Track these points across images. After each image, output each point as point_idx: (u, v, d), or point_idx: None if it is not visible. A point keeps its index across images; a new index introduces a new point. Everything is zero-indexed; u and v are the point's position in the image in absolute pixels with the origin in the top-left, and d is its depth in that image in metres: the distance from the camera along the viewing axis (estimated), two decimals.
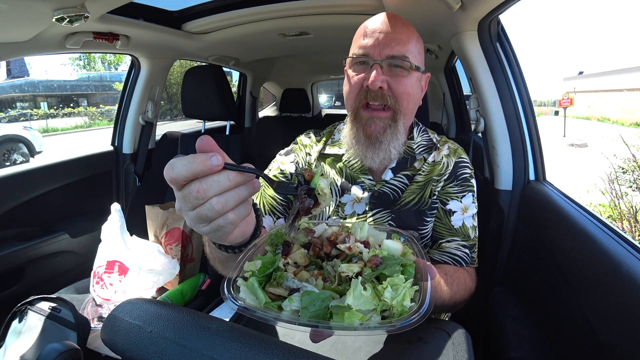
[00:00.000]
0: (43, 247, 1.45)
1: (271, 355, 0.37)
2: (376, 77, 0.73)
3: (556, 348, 0.77)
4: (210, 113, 1.67)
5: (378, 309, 0.35)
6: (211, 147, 0.40)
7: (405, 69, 0.76)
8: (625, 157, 4.15)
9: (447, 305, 0.75)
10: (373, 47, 0.75)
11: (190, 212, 0.40)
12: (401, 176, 0.86)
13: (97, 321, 1.13)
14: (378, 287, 0.37)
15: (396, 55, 0.75)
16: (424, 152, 0.88)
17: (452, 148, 0.90)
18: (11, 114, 16.16)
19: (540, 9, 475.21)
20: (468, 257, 0.84)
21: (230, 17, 1.43)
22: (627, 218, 3.36)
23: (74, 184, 1.61)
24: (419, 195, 0.85)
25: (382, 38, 0.75)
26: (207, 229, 0.42)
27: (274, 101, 3.75)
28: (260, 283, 0.40)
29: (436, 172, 0.86)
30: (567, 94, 14.81)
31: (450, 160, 0.87)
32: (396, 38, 0.75)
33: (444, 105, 2.39)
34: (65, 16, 0.94)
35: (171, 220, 1.49)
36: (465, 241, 0.85)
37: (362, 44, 0.77)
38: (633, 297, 0.55)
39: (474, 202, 0.87)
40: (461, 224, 0.84)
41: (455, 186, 0.85)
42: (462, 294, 0.78)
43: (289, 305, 0.36)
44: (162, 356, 0.39)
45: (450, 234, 0.85)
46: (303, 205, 0.46)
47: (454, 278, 0.77)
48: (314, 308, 0.35)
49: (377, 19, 0.78)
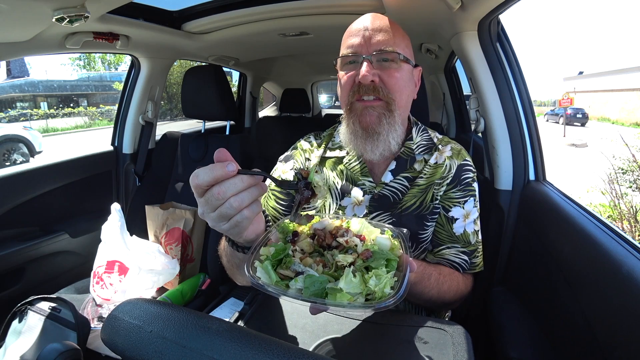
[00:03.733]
0: (43, 247, 1.45)
1: (271, 355, 0.37)
2: (367, 70, 0.73)
3: (556, 348, 0.77)
4: (210, 113, 1.67)
5: (363, 293, 0.44)
6: (226, 157, 0.48)
7: (395, 61, 0.77)
8: (625, 158, 4.15)
9: (435, 302, 0.77)
10: (360, 44, 0.76)
11: (212, 213, 0.48)
12: (401, 178, 0.85)
13: (97, 321, 1.13)
14: (365, 275, 0.46)
15: (384, 49, 0.75)
16: (424, 152, 0.87)
17: (456, 149, 0.88)
18: (11, 114, 16.16)
19: (540, 9, 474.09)
20: (467, 263, 0.84)
21: (230, 17, 1.43)
22: (627, 218, 3.36)
23: (74, 184, 1.61)
24: (420, 200, 0.83)
25: (368, 34, 0.76)
26: (227, 226, 0.50)
27: (274, 101, 3.75)
28: (273, 266, 0.49)
29: (438, 175, 0.84)
30: (567, 94, 14.81)
31: (453, 162, 0.85)
32: (382, 33, 0.76)
33: (444, 105, 2.39)
34: (65, 16, 0.94)
35: (171, 220, 1.49)
36: (465, 247, 0.84)
37: (349, 44, 0.78)
38: (633, 298, 0.55)
39: (475, 206, 0.85)
40: (462, 231, 0.83)
41: (457, 191, 0.84)
42: (451, 295, 0.79)
43: (295, 284, 0.46)
44: (162, 356, 0.39)
45: (450, 241, 0.84)
46: (302, 197, 0.56)
47: (447, 279, 0.78)
48: (314, 288, 0.44)
49: (361, 19, 0.80)
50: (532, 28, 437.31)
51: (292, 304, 0.70)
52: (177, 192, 1.67)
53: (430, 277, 0.74)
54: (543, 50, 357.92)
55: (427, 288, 0.74)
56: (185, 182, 1.69)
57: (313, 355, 0.37)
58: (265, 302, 0.72)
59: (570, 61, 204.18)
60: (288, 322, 0.66)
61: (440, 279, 0.76)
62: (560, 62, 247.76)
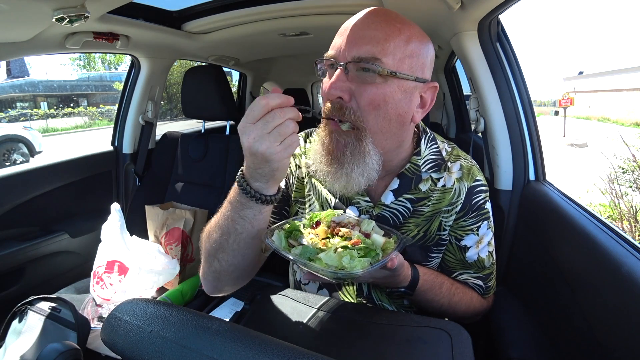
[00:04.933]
0: (43, 247, 1.45)
1: (271, 355, 0.37)
2: (333, 82, 0.61)
3: (556, 348, 0.77)
4: (210, 113, 1.67)
5: (338, 267, 0.55)
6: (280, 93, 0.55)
7: (376, 73, 0.60)
8: (625, 157, 4.15)
9: (446, 312, 0.76)
10: (339, 47, 0.62)
11: (270, 132, 0.53)
12: (404, 200, 0.73)
13: (97, 321, 1.13)
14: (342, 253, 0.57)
15: (363, 56, 0.59)
16: (431, 170, 0.74)
17: (466, 168, 0.75)
18: (11, 114, 16.15)
19: (540, 9, 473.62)
20: (482, 288, 0.79)
21: (230, 17, 1.43)
22: (627, 218, 3.36)
23: (74, 184, 1.62)
24: (424, 229, 0.74)
25: (351, 36, 0.61)
26: (281, 147, 0.54)
27: None
28: (286, 236, 0.62)
29: (446, 202, 0.73)
30: (567, 94, 14.81)
31: (463, 186, 0.73)
32: (368, 35, 0.60)
33: (444, 105, 2.39)
34: (65, 16, 0.94)
35: (171, 220, 1.49)
36: (479, 272, 0.78)
37: (332, 45, 0.65)
38: (633, 298, 0.55)
39: (489, 227, 0.77)
40: (476, 258, 0.76)
41: (469, 219, 0.74)
42: (464, 309, 0.77)
43: (295, 251, 0.59)
44: (162, 356, 0.39)
45: (462, 268, 0.78)
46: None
47: (459, 292, 0.76)
48: (304, 255, 0.57)
49: (359, 14, 0.64)
50: (532, 28, 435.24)
51: (292, 305, 0.70)
52: (177, 192, 1.67)
53: (442, 286, 0.73)
54: (543, 50, 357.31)
55: (438, 296, 0.73)
56: (185, 182, 1.69)
57: (313, 355, 0.37)
58: (265, 302, 0.72)
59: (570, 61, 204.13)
60: (288, 322, 0.66)
61: (452, 290, 0.75)
62: (560, 62, 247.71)
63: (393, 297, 0.78)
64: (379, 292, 0.78)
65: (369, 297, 0.78)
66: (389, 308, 0.79)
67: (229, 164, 1.61)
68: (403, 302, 0.79)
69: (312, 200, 0.80)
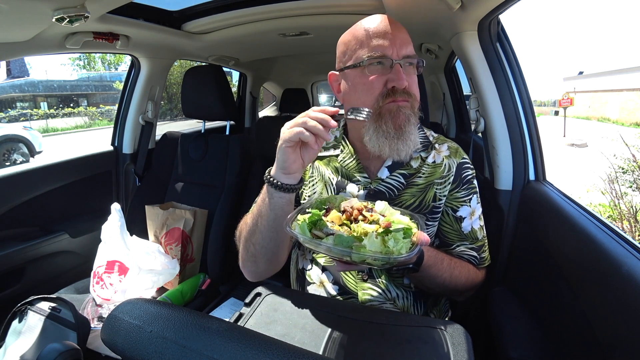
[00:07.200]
0: (43, 247, 1.45)
1: (271, 355, 0.37)
2: (404, 77, 0.76)
3: (556, 348, 0.77)
4: (210, 113, 1.67)
5: (383, 252, 0.52)
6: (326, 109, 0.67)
7: (415, 66, 0.81)
8: (625, 157, 4.16)
9: (448, 286, 0.81)
10: (390, 47, 0.77)
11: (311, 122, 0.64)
12: (397, 175, 0.86)
13: (97, 321, 1.13)
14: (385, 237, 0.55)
15: (409, 54, 0.79)
16: (420, 150, 0.88)
17: (453, 148, 0.89)
18: (11, 114, 16.14)
19: (540, 9, 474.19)
20: (476, 259, 0.87)
21: (230, 17, 1.43)
22: (627, 218, 3.36)
23: (74, 184, 1.62)
24: (419, 199, 0.85)
25: (396, 39, 0.77)
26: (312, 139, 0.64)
27: (274, 101, 3.75)
28: (309, 227, 0.59)
29: (437, 174, 0.85)
30: (567, 94, 14.81)
31: (452, 162, 0.86)
32: (406, 38, 0.79)
33: (444, 105, 2.39)
34: (65, 16, 0.94)
35: (171, 220, 1.49)
36: (473, 243, 0.87)
37: (375, 44, 0.77)
38: (633, 298, 0.55)
39: (478, 202, 0.88)
40: (470, 229, 0.87)
41: (462, 190, 0.86)
42: (463, 281, 0.83)
43: (325, 242, 0.55)
44: (162, 356, 0.39)
45: (460, 239, 0.87)
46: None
47: (458, 265, 0.83)
48: (343, 245, 0.53)
49: (379, 20, 0.79)
50: (532, 28, 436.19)
51: (292, 305, 0.70)
52: (177, 192, 1.67)
53: (443, 261, 0.79)
54: (543, 50, 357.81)
55: (440, 271, 0.78)
56: (185, 182, 1.69)
57: (313, 355, 0.37)
58: (265, 302, 0.72)
59: (570, 61, 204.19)
60: (288, 322, 0.66)
61: (452, 264, 0.81)
62: (560, 62, 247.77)
63: (393, 275, 0.84)
64: (378, 269, 0.84)
65: (369, 273, 0.85)
66: (388, 286, 0.83)
67: (229, 164, 1.61)
68: (403, 282, 0.85)
69: (315, 181, 0.91)
